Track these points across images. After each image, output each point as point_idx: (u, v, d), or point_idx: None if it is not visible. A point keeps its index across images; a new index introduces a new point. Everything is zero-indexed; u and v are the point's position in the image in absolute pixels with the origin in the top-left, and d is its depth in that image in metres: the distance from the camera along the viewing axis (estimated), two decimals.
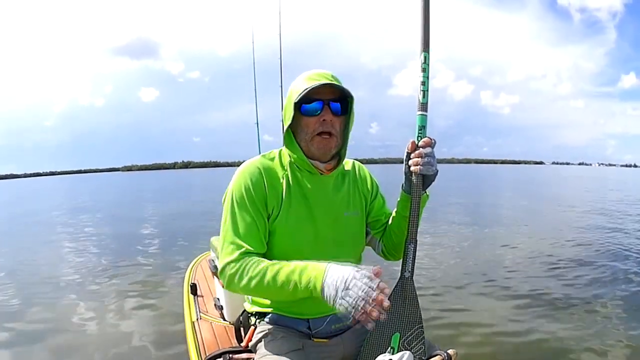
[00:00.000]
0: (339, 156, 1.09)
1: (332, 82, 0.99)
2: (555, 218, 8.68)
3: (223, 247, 1.00)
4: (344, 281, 0.81)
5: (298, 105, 1.01)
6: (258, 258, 0.96)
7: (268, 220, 1.03)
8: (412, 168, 0.99)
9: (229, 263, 0.97)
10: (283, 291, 0.90)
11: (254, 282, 0.92)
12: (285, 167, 1.08)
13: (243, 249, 0.97)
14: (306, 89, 0.97)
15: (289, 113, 1.01)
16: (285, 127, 1.03)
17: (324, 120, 1.00)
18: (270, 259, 1.05)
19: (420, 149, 0.98)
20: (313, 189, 1.07)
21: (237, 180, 1.04)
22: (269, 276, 0.91)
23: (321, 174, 1.07)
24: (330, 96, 1.00)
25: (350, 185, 1.15)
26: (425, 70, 0.98)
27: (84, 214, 11.15)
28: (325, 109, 1.00)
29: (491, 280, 3.92)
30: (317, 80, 0.99)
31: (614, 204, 11.56)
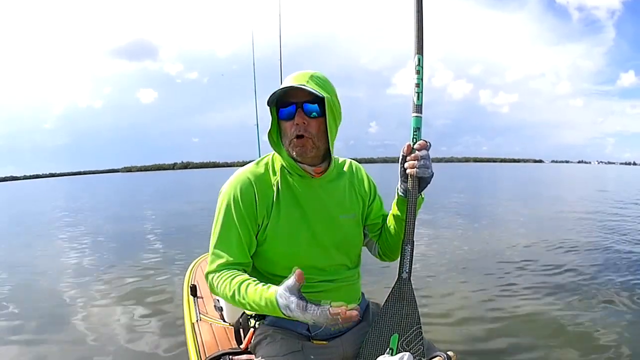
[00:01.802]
0: (330, 159, 1.07)
1: (299, 86, 0.96)
2: (553, 215, 8.69)
3: (209, 258, 1.04)
4: (294, 307, 0.82)
5: (277, 110, 1.02)
6: (233, 272, 0.98)
7: (259, 230, 1.04)
8: (408, 171, 0.99)
9: (209, 273, 1.02)
10: (251, 309, 0.95)
11: (228, 296, 0.96)
12: (277, 172, 1.07)
13: (223, 261, 1.00)
14: (273, 93, 0.98)
15: (270, 118, 1.03)
16: (265, 133, 1.05)
17: (296, 123, 0.99)
18: (266, 266, 1.06)
19: (416, 151, 0.98)
20: (305, 192, 1.06)
21: (227, 191, 1.05)
22: (237, 296, 0.94)
23: (312, 177, 1.07)
24: (305, 98, 0.98)
25: (346, 187, 1.14)
26: (419, 72, 0.99)
27: (84, 215, 11.16)
28: (299, 112, 0.99)
29: (491, 280, 3.92)
30: (289, 84, 0.98)
31: (610, 201, 11.58)
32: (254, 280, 0.94)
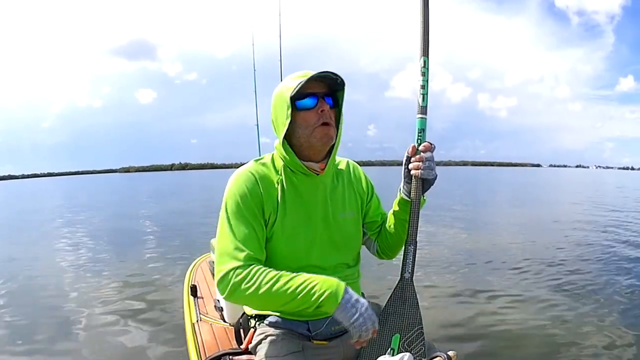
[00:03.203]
0: (331, 154, 1.08)
1: (328, 72, 0.98)
2: (549, 218, 8.73)
3: (222, 255, 0.97)
4: (365, 307, 0.89)
5: (293, 102, 1.00)
6: (265, 267, 0.95)
7: (266, 227, 1.02)
8: (412, 172, 1.00)
9: (235, 269, 0.93)
10: (292, 300, 0.90)
11: (263, 289, 0.90)
12: (279, 172, 1.07)
13: (247, 254, 0.95)
14: (300, 82, 0.96)
15: (282, 112, 0.99)
16: (284, 128, 1.00)
17: (322, 111, 1.00)
18: (270, 264, 1.04)
19: (421, 153, 0.99)
20: (309, 191, 1.06)
21: (232, 188, 1.03)
22: (280, 283, 0.90)
23: (316, 174, 1.06)
24: (322, 90, 1.01)
25: (345, 186, 1.14)
26: (424, 74, 0.99)
27: (83, 215, 11.12)
28: (321, 101, 1.00)
29: (490, 280, 3.93)
30: (306, 77, 0.97)
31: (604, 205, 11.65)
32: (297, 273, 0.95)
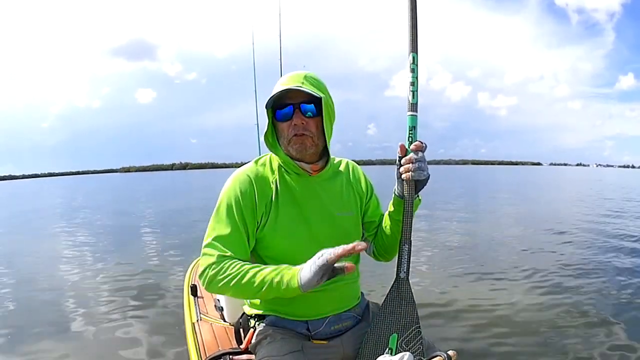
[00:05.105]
0: (327, 157, 1.10)
1: (296, 87, 0.99)
2: (546, 215, 8.73)
3: (204, 252, 1.01)
4: (315, 260, 0.87)
5: (273, 111, 1.04)
6: (239, 261, 0.98)
7: (258, 227, 1.04)
8: (403, 176, 0.99)
9: (209, 265, 0.98)
10: (260, 291, 0.93)
11: (233, 281, 0.94)
12: (275, 171, 1.09)
13: (221, 253, 0.99)
14: (271, 96, 1.00)
15: (266, 119, 1.05)
16: (263, 133, 1.05)
17: (295, 124, 1.02)
18: (270, 261, 1.05)
19: (411, 153, 0.98)
20: (302, 190, 1.08)
21: (228, 189, 1.06)
22: (248, 275, 0.93)
23: (309, 174, 1.08)
24: (301, 99, 1.01)
25: (343, 185, 1.15)
26: (414, 71, 0.99)
27: (83, 215, 11.13)
28: (296, 113, 1.01)
29: (489, 278, 3.93)
30: (286, 85, 1.00)
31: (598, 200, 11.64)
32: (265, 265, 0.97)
